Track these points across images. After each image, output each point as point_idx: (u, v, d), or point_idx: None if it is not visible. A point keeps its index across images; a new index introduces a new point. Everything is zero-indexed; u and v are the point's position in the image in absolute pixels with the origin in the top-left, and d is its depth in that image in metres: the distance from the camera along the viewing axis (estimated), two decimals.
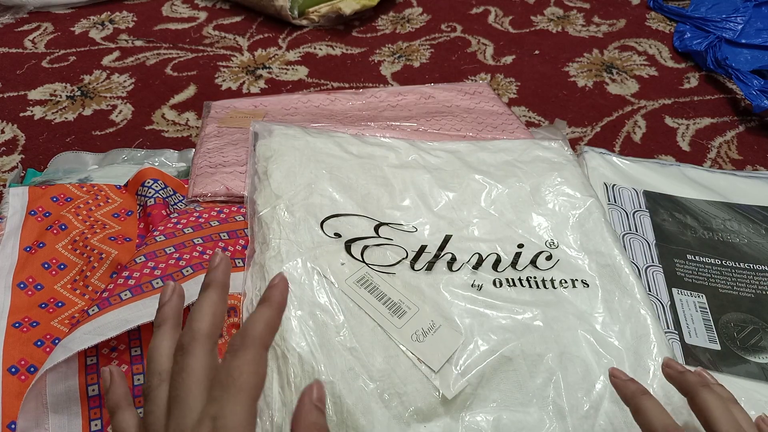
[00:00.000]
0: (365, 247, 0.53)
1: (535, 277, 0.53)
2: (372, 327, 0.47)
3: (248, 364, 0.30)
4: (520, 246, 0.56)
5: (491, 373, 0.46)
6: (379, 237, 0.54)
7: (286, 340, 0.45)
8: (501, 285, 0.52)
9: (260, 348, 0.31)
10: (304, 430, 0.29)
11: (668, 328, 0.53)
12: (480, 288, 0.51)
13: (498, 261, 0.54)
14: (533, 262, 0.54)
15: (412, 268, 0.52)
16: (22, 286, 0.51)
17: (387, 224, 0.56)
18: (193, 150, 0.71)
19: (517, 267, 0.54)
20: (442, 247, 0.55)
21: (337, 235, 0.53)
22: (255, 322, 0.32)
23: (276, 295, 0.33)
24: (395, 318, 0.48)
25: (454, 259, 0.54)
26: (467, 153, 0.64)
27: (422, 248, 0.54)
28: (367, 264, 0.52)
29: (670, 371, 0.43)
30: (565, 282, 0.53)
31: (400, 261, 0.53)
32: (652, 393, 0.45)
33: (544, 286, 0.52)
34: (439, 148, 0.65)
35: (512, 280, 0.53)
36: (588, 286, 0.52)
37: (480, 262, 0.54)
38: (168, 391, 0.31)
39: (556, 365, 0.47)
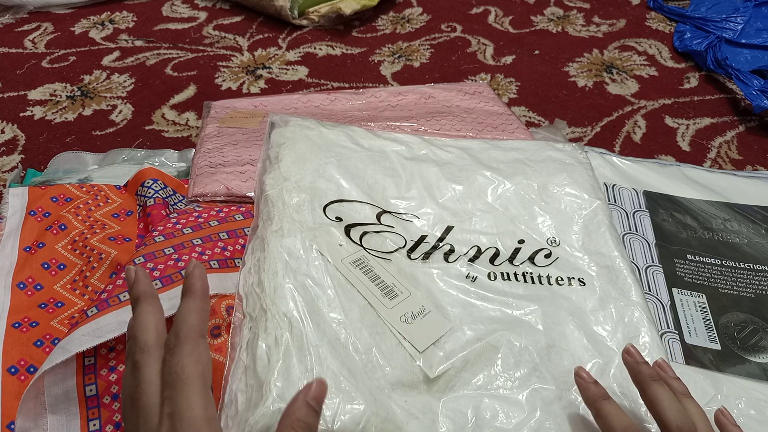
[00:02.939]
0: (365, 233, 0.54)
1: (531, 273, 0.53)
2: (362, 305, 0.48)
3: (187, 356, 0.30)
4: (521, 242, 0.56)
5: (475, 358, 0.47)
6: (381, 224, 0.56)
7: (278, 305, 0.46)
8: (495, 278, 0.53)
9: (196, 338, 0.32)
10: (288, 424, 0.30)
11: (668, 327, 0.53)
12: (474, 279, 0.52)
13: (496, 255, 0.55)
14: (531, 259, 0.55)
15: (409, 257, 0.53)
16: (21, 286, 0.51)
17: (389, 212, 0.57)
18: (193, 150, 0.71)
19: (514, 262, 0.54)
20: (442, 238, 0.55)
21: (339, 219, 0.55)
22: (184, 315, 0.33)
23: (196, 283, 0.34)
24: (386, 299, 0.49)
25: (452, 250, 0.54)
26: (479, 150, 0.65)
27: (422, 238, 0.55)
28: (364, 248, 0.53)
29: (628, 359, 0.43)
30: (561, 279, 0.53)
31: (397, 249, 0.54)
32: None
33: (540, 282, 0.53)
34: (451, 145, 0.66)
35: (507, 274, 0.53)
36: (584, 284, 0.53)
37: (478, 254, 0.54)
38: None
39: (543, 357, 0.47)
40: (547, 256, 0.55)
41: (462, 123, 0.75)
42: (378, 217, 0.56)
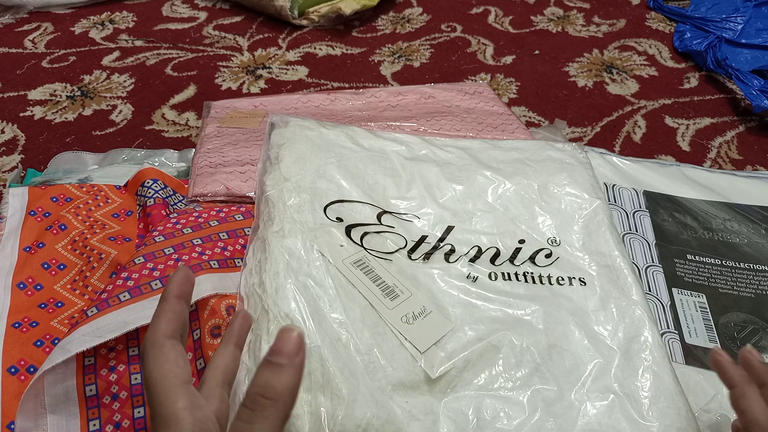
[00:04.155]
0: (365, 233, 0.54)
1: (531, 273, 0.53)
2: (363, 305, 0.48)
3: (152, 361, 0.31)
4: (521, 242, 0.56)
5: (477, 359, 0.46)
6: (381, 225, 0.56)
7: (279, 306, 0.46)
8: (496, 278, 0.53)
9: (162, 341, 0.32)
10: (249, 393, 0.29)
11: (668, 327, 0.53)
12: (475, 280, 0.52)
13: (497, 255, 0.55)
14: (532, 259, 0.55)
15: (410, 257, 0.53)
16: (21, 286, 0.51)
17: (390, 213, 0.57)
18: (193, 150, 0.71)
19: (515, 262, 0.54)
20: (442, 239, 0.55)
21: (339, 220, 0.55)
22: (152, 320, 0.33)
23: (168, 287, 0.34)
24: (387, 300, 0.49)
25: (452, 250, 0.54)
26: (479, 150, 0.65)
27: (422, 238, 0.55)
28: (365, 248, 0.53)
29: (719, 358, 0.41)
30: (562, 279, 0.53)
31: (398, 249, 0.54)
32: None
33: (540, 282, 0.53)
34: (451, 145, 0.66)
35: (508, 274, 0.53)
36: (585, 284, 0.53)
37: (478, 254, 0.54)
38: None
39: (544, 357, 0.47)
40: (548, 255, 0.55)
41: (462, 123, 0.75)
42: (378, 217, 0.56)
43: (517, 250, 0.55)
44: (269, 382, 0.29)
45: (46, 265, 0.54)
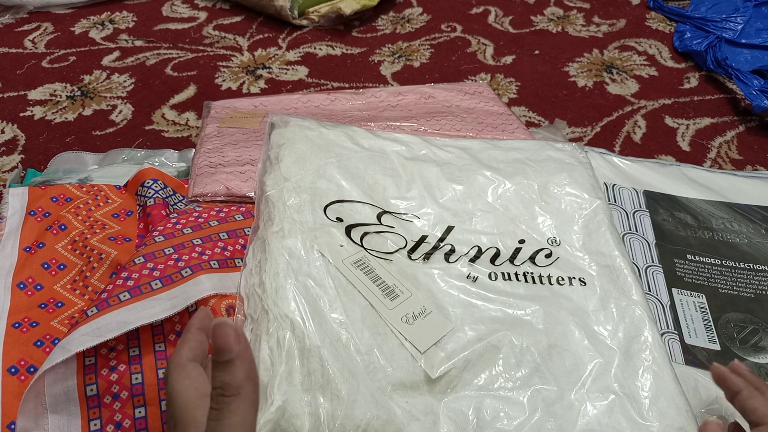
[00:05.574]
0: (365, 233, 0.54)
1: (531, 273, 0.54)
2: (363, 306, 0.48)
3: (174, 379, 0.34)
4: (521, 242, 0.56)
5: (477, 359, 0.47)
6: (381, 225, 0.56)
7: (280, 307, 0.46)
8: (496, 278, 0.53)
9: (183, 363, 0.35)
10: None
11: (668, 328, 0.53)
12: (475, 280, 0.52)
13: (497, 255, 0.55)
14: (532, 259, 0.55)
15: (410, 257, 0.53)
16: (21, 286, 0.51)
17: (390, 213, 0.57)
18: (193, 150, 0.71)
19: (515, 262, 0.54)
20: (442, 239, 0.55)
21: (339, 220, 0.55)
22: (176, 347, 0.36)
23: (190, 321, 0.37)
24: (387, 300, 0.49)
25: (452, 250, 0.54)
26: (479, 150, 0.65)
27: (423, 238, 0.55)
28: (365, 249, 0.53)
29: (719, 370, 0.42)
30: (562, 279, 0.53)
31: (398, 249, 0.54)
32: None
33: (540, 282, 0.53)
34: (451, 145, 0.66)
35: (508, 274, 0.53)
36: (585, 284, 0.53)
37: (479, 254, 0.54)
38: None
39: (544, 357, 0.47)
40: (548, 255, 0.55)
41: (462, 123, 0.75)
42: (378, 217, 0.56)
43: (517, 250, 0.55)
44: (224, 380, 0.30)
45: (46, 265, 0.54)
